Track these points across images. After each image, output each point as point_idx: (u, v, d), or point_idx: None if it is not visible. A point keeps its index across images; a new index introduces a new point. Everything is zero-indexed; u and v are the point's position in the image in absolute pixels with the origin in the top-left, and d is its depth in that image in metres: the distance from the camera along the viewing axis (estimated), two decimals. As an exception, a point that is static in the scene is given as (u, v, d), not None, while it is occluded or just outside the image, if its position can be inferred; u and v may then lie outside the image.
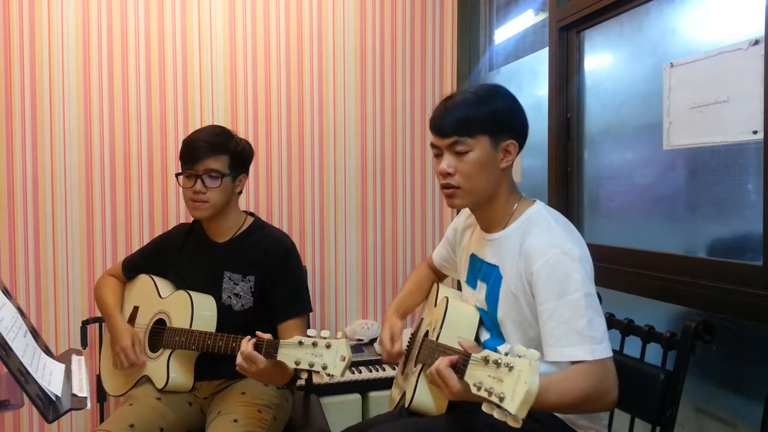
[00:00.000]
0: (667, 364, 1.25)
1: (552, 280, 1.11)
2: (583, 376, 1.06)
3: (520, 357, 0.88)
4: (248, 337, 1.37)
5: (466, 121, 1.20)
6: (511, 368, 0.88)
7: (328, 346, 1.26)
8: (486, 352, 0.94)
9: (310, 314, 1.76)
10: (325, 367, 1.25)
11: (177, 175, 1.65)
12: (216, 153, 1.60)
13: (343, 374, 1.26)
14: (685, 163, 1.54)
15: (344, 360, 1.25)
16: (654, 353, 1.29)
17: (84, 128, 2.26)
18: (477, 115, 1.20)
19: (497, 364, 0.90)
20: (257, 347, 1.34)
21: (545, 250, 1.13)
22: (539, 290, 1.13)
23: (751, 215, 1.34)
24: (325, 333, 1.29)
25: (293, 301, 1.64)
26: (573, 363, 1.08)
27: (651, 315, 1.49)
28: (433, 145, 1.26)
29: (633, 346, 1.34)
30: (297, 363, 1.28)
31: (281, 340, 1.32)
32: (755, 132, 1.30)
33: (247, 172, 1.72)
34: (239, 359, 1.36)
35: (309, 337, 1.28)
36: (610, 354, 1.09)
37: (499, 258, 1.25)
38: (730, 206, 1.42)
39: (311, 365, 1.26)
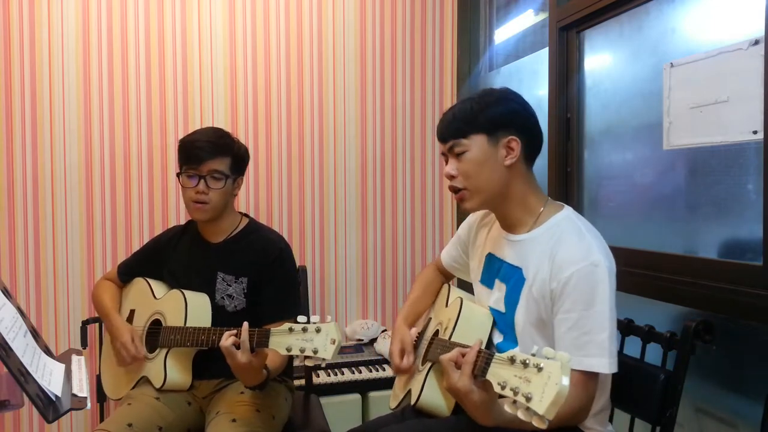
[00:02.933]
0: (667, 364, 1.25)
1: (579, 290, 1.11)
2: (577, 390, 1.07)
3: (548, 359, 0.87)
4: (232, 330, 1.37)
5: (460, 123, 1.23)
6: (540, 369, 0.86)
7: (317, 331, 1.27)
8: (512, 352, 0.93)
9: (310, 314, 1.75)
10: (315, 351, 1.25)
11: (178, 174, 1.65)
12: (220, 154, 1.61)
13: (333, 357, 1.26)
14: (685, 163, 1.54)
15: (334, 343, 1.25)
16: (654, 353, 1.29)
17: (84, 128, 2.26)
18: (472, 116, 1.22)
19: (525, 364, 0.89)
20: (249, 337, 1.35)
21: (577, 260, 1.13)
22: (565, 299, 1.12)
23: (751, 215, 1.34)
24: (314, 318, 1.29)
25: (284, 303, 1.64)
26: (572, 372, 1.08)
27: (651, 315, 1.49)
28: (442, 153, 1.30)
29: (633, 346, 1.34)
30: (288, 350, 1.28)
31: (272, 328, 1.32)
32: (755, 132, 1.30)
33: (243, 174, 1.73)
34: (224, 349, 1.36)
35: (298, 323, 1.29)
36: (616, 369, 1.12)
37: (523, 260, 1.24)
38: (730, 206, 1.42)
39: (302, 350, 1.27)
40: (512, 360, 0.92)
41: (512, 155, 1.22)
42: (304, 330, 1.28)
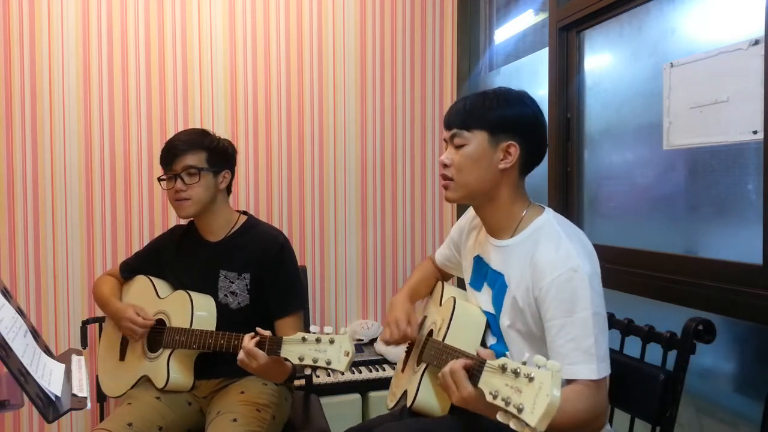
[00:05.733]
0: (667, 364, 1.25)
1: (560, 297, 1.10)
2: (581, 398, 1.06)
3: (539, 367, 0.86)
4: (251, 333, 1.39)
5: (468, 116, 1.22)
6: (531, 379, 0.85)
7: (331, 342, 1.27)
8: (503, 360, 0.92)
9: (310, 314, 1.76)
10: (329, 363, 1.26)
11: (159, 179, 1.67)
12: (192, 150, 1.62)
13: (347, 369, 1.27)
14: (685, 163, 1.54)
15: (348, 355, 1.25)
16: (654, 353, 1.29)
17: (84, 128, 2.25)
18: (480, 112, 1.21)
19: (516, 373, 0.88)
20: (261, 344, 1.36)
21: (555, 266, 1.12)
22: (547, 307, 1.12)
23: (751, 215, 1.34)
24: (328, 329, 1.29)
25: (290, 298, 1.64)
26: (569, 381, 1.08)
27: (651, 315, 1.48)
28: (444, 139, 1.29)
29: (633, 346, 1.34)
30: (301, 359, 1.28)
31: (284, 337, 1.33)
32: (755, 132, 1.30)
33: (231, 169, 1.71)
34: (241, 354, 1.37)
35: (312, 333, 1.29)
36: (609, 372, 1.10)
37: (506, 267, 1.23)
38: (730, 206, 1.42)
39: (315, 361, 1.27)
40: (503, 368, 0.90)
41: (508, 160, 1.21)
42: (318, 340, 1.28)
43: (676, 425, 1.19)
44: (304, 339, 1.29)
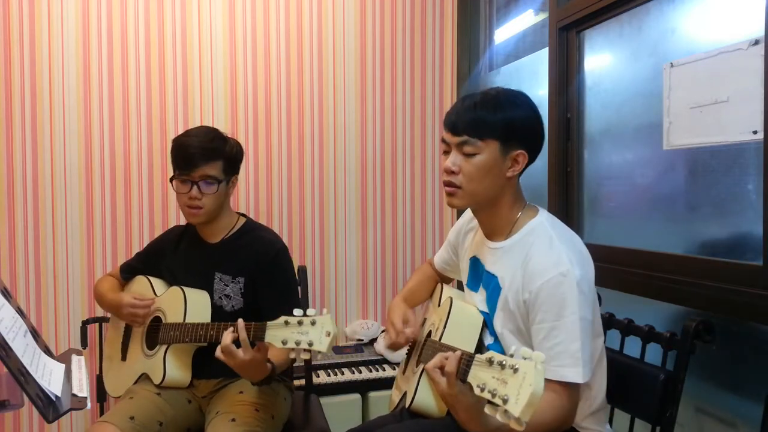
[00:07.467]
0: (667, 364, 1.25)
1: (550, 301, 1.11)
2: (548, 408, 1.06)
3: (525, 359, 0.87)
4: (230, 329, 1.36)
5: (480, 123, 1.18)
6: (516, 370, 0.86)
7: (313, 323, 1.26)
8: (490, 353, 0.93)
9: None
10: (311, 344, 1.25)
11: (171, 179, 1.65)
12: (212, 159, 1.59)
13: (329, 350, 1.26)
14: (685, 163, 1.54)
15: (329, 335, 1.25)
16: (654, 353, 1.29)
17: (84, 128, 2.26)
18: (492, 120, 1.18)
19: (502, 365, 0.89)
20: (247, 330, 1.34)
21: (545, 270, 1.12)
22: (537, 310, 1.13)
23: (751, 215, 1.35)
24: (311, 311, 1.28)
25: (283, 302, 1.63)
26: (548, 382, 1.08)
27: (651, 315, 1.49)
28: (443, 141, 1.25)
29: (633, 346, 1.34)
30: (284, 342, 1.28)
31: (268, 322, 1.32)
32: (755, 132, 1.30)
33: (238, 172, 1.71)
34: (218, 352, 1.34)
35: (294, 316, 1.28)
36: (589, 378, 1.11)
37: (499, 269, 1.24)
38: (730, 206, 1.42)
39: (297, 343, 1.26)
40: (490, 361, 0.91)
41: (515, 168, 1.21)
42: (300, 323, 1.28)
43: (676, 425, 1.19)
44: (286, 323, 1.29)
